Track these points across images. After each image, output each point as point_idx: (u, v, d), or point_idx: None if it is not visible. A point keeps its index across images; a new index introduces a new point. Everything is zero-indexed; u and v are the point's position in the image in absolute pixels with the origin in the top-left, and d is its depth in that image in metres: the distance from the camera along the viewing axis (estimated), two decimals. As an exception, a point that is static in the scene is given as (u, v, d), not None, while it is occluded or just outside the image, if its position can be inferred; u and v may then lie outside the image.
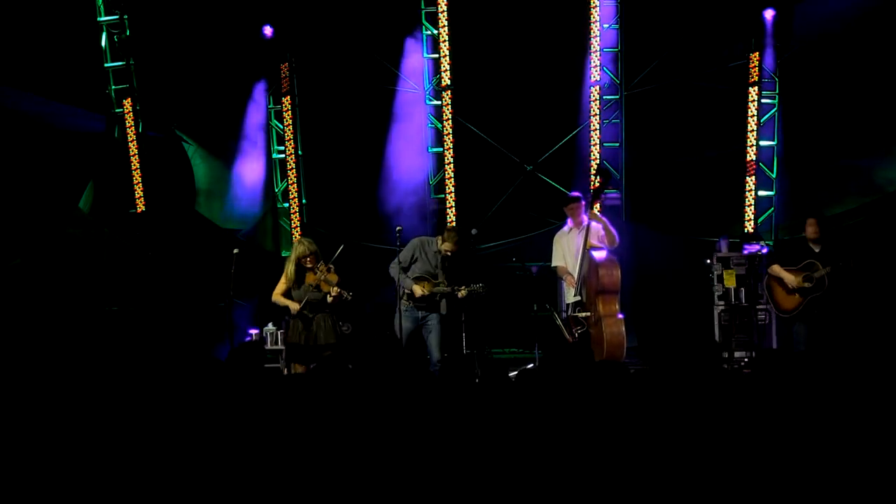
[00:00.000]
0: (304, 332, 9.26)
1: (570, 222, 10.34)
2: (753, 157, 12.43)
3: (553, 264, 10.45)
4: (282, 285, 9.39)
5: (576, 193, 10.48)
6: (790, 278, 9.58)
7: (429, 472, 4.25)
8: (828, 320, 9.41)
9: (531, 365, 10.08)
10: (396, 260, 9.83)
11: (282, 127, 13.39)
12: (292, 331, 9.37)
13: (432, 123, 13.02)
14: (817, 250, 9.56)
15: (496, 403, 4.87)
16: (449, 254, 9.79)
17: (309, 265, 9.27)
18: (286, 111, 13.31)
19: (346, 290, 9.20)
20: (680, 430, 4.44)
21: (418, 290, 9.71)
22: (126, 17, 12.98)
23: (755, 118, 12.39)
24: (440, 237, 9.93)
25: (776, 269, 9.75)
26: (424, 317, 9.83)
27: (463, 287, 9.70)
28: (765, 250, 11.47)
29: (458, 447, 4.38)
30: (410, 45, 12.96)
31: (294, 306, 9.26)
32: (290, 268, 9.30)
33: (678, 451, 4.29)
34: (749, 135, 12.42)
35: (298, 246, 9.38)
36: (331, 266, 9.32)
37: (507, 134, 12.89)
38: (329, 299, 9.22)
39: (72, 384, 5.83)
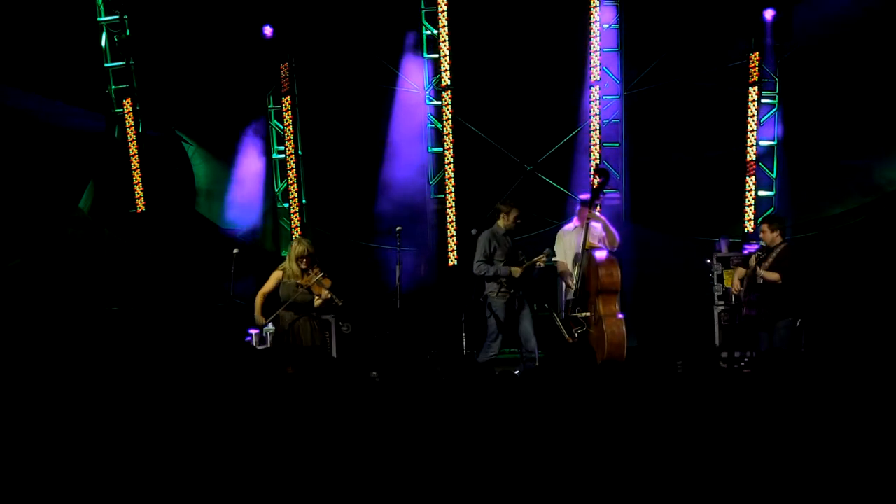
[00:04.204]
0: (287, 333, 9.20)
1: (575, 220, 10.38)
2: (753, 157, 12.43)
3: (555, 259, 10.46)
4: (270, 284, 9.30)
5: (585, 197, 10.41)
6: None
7: (427, 473, 4.25)
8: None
9: (517, 370, 10.18)
10: (480, 259, 9.83)
11: (282, 127, 13.38)
12: (278, 332, 9.34)
13: (432, 123, 13.01)
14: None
15: (496, 404, 4.87)
16: (512, 227, 9.93)
17: (304, 266, 9.21)
18: (286, 111, 13.29)
19: (338, 296, 9.14)
20: (680, 429, 4.45)
21: (517, 271, 9.79)
22: (126, 17, 12.97)
23: (755, 118, 12.39)
24: (500, 220, 9.97)
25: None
26: (520, 305, 9.91)
27: (542, 255, 9.85)
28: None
29: (457, 447, 4.38)
30: (410, 44, 12.95)
31: (260, 320, 9.21)
32: (292, 266, 9.20)
33: (678, 449, 4.29)
34: (749, 135, 12.41)
35: (298, 246, 9.31)
36: (322, 273, 9.26)
37: (507, 134, 12.88)
38: (317, 303, 9.16)
39: (72, 384, 5.84)
